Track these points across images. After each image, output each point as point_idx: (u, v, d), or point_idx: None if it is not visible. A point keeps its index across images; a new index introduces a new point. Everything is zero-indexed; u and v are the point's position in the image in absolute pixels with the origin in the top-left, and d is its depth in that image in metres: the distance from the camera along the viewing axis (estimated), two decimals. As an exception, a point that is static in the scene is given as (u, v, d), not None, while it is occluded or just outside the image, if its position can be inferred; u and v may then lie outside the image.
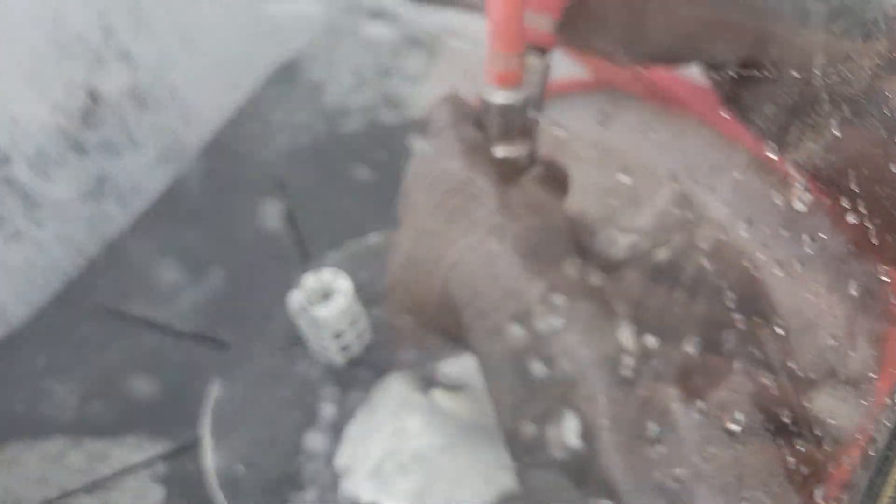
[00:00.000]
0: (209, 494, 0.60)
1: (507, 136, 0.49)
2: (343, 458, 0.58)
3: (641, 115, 0.99)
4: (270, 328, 0.69)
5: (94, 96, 0.89)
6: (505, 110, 0.49)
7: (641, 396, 0.43)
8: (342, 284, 0.61)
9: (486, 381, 0.45)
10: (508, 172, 0.49)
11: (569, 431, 0.42)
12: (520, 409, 0.43)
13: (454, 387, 0.62)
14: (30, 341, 0.83)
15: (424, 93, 1.11)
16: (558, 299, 0.44)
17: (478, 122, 0.50)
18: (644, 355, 0.45)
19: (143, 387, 0.69)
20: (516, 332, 0.43)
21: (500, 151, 0.50)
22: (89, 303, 0.83)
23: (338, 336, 0.61)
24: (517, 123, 0.49)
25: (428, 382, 0.63)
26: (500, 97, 0.49)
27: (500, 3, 0.45)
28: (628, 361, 0.44)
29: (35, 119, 0.84)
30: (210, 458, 0.61)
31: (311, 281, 0.61)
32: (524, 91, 0.48)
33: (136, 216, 0.95)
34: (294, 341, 0.67)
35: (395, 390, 0.61)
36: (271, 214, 0.90)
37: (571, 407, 0.42)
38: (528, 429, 0.43)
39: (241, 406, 0.65)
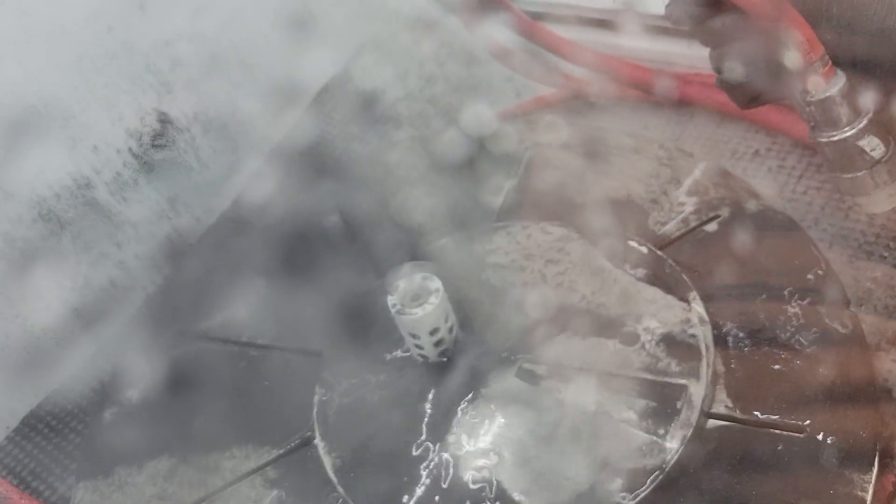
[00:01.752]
0: (323, 493, 0.64)
1: None
2: (453, 444, 0.63)
3: (672, 113, 1.03)
4: (359, 334, 0.73)
5: (163, 121, 0.94)
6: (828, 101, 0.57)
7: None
8: (433, 285, 0.66)
9: None
10: None
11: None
12: None
13: (548, 373, 0.66)
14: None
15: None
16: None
17: None
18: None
19: (243, 401, 0.73)
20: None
21: None
22: (169, 320, 0.87)
23: (433, 334, 0.66)
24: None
25: (525, 371, 0.67)
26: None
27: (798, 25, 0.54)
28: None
29: (112, 145, 0.89)
30: (324, 457, 0.64)
31: (405, 284, 0.66)
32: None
33: (205, 232, 1.00)
34: (384, 344, 0.72)
35: (499, 380, 0.66)
36: (334, 224, 0.93)
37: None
38: None
39: (346, 407, 0.68)
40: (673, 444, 0.60)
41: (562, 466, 0.60)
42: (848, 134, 0.58)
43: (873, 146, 0.58)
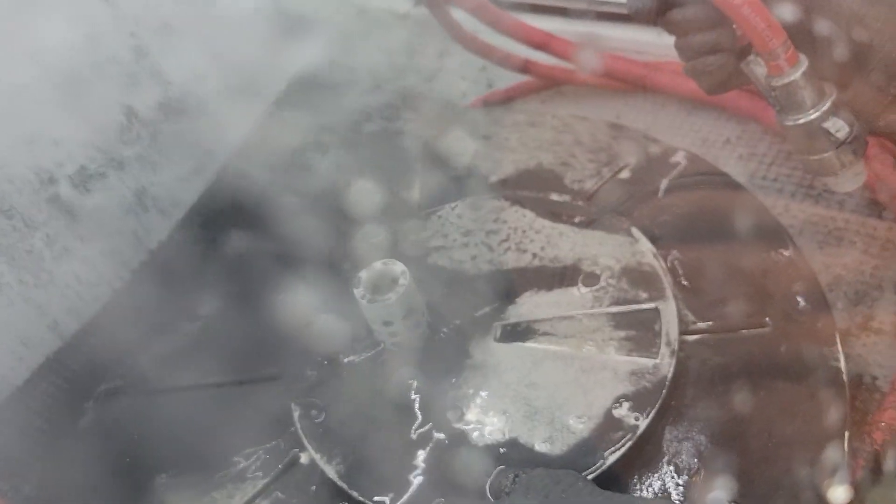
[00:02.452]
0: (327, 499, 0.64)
1: None
2: (456, 419, 0.63)
3: (643, 102, 1.04)
4: (320, 342, 0.72)
5: (129, 114, 0.92)
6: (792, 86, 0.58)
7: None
8: (397, 268, 0.65)
9: None
10: None
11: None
12: None
13: (526, 328, 0.68)
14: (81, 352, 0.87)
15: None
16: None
17: None
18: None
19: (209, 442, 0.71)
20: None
21: None
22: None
23: (407, 317, 0.65)
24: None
25: (504, 332, 0.68)
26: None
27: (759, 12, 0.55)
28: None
29: (75, 139, 0.87)
30: (326, 467, 0.63)
31: (367, 273, 0.65)
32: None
33: (174, 227, 0.98)
34: (349, 346, 0.71)
35: (481, 347, 0.67)
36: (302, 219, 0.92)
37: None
38: None
39: (331, 416, 0.67)
40: (664, 361, 0.64)
41: (570, 408, 0.62)
42: (813, 116, 0.58)
43: (838, 127, 0.59)
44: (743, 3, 0.55)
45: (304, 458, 0.67)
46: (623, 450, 0.59)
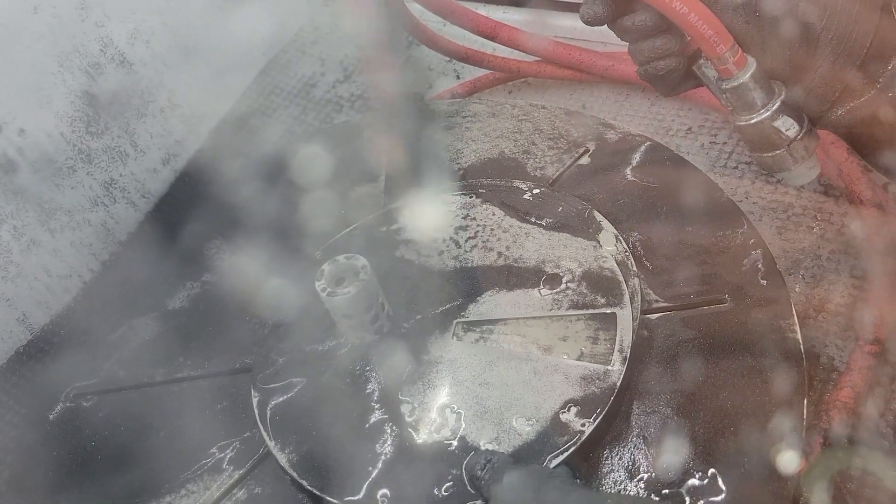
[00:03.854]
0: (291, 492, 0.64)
1: None
2: (409, 413, 0.64)
3: (608, 92, 1.06)
4: (283, 336, 0.73)
5: (95, 105, 0.92)
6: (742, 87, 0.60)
7: None
8: (359, 263, 0.65)
9: None
10: None
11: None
12: None
13: (484, 328, 0.69)
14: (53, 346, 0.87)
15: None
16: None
17: None
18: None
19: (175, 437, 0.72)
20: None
21: None
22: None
23: (368, 310, 0.65)
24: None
25: (462, 330, 0.69)
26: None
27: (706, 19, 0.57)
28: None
29: (41, 129, 0.87)
30: (279, 455, 0.64)
31: (330, 267, 0.65)
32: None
33: (143, 218, 0.98)
34: (312, 338, 0.71)
35: (439, 344, 0.68)
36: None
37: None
38: None
39: (290, 406, 0.67)
40: (615, 368, 0.64)
41: (519, 410, 0.63)
42: (764, 116, 0.61)
43: (788, 126, 0.61)
44: (690, 10, 0.56)
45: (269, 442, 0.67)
46: (565, 455, 0.59)
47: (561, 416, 0.62)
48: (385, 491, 0.60)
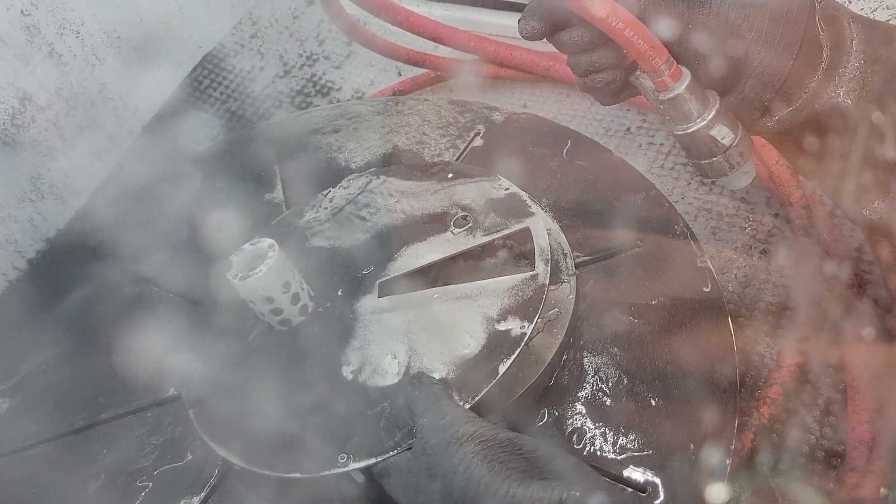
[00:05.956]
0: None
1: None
2: (353, 372, 0.64)
3: (549, 91, 1.06)
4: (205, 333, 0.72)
5: (22, 97, 0.88)
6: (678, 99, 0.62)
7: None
8: (265, 243, 0.65)
9: None
10: None
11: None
12: None
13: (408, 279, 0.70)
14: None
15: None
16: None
17: None
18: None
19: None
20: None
21: None
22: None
23: (286, 290, 0.65)
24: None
25: (385, 287, 0.70)
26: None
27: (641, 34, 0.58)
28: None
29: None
30: (234, 458, 0.62)
31: (237, 256, 0.65)
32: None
33: (73, 214, 0.95)
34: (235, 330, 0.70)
35: (365, 306, 0.68)
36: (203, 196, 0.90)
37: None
38: None
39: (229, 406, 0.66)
40: (541, 270, 0.67)
41: (458, 336, 0.64)
42: (700, 126, 0.62)
43: (723, 134, 0.63)
44: (626, 26, 0.57)
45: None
46: (513, 357, 0.61)
47: (499, 326, 0.64)
48: (343, 455, 0.59)
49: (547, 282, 0.65)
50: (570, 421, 0.64)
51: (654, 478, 0.60)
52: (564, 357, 0.67)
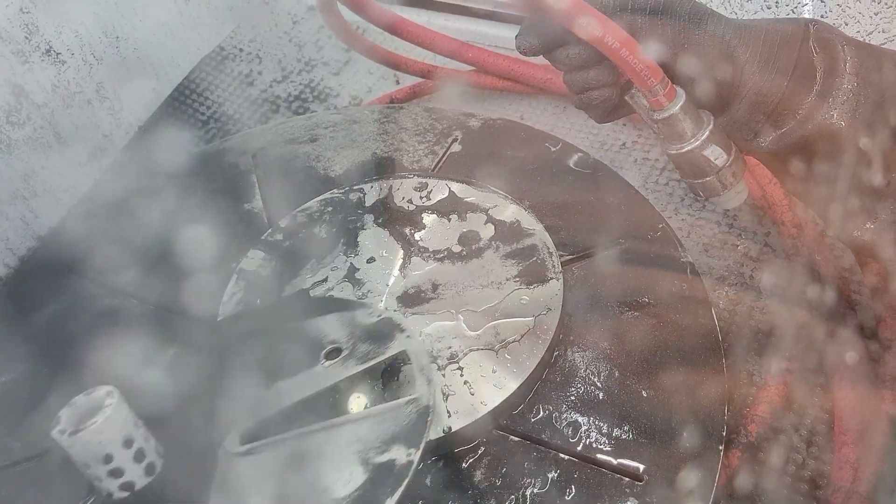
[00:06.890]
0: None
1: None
2: None
3: (546, 104, 1.07)
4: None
5: (18, 94, 0.88)
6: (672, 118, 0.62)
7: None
8: (102, 392, 0.53)
9: None
10: None
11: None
12: None
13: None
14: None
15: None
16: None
17: None
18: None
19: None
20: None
21: None
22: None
23: (128, 448, 0.53)
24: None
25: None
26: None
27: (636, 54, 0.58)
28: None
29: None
30: None
31: (67, 410, 0.53)
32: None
33: (66, 212, 0.95)
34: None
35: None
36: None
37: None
38: None
39: None
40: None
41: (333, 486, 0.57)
42: (693, 146, 0.63)
43: (716, 155, 0.63)
44: (621, 45, 0.58)
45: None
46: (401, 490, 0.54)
47: (380, 458, 0.57)
48: None
49: (432, 403, 0.60)
50: (564, 416, 0.64)
51: (649, 466, 0.60)
52: (556, 353, 0.67)
